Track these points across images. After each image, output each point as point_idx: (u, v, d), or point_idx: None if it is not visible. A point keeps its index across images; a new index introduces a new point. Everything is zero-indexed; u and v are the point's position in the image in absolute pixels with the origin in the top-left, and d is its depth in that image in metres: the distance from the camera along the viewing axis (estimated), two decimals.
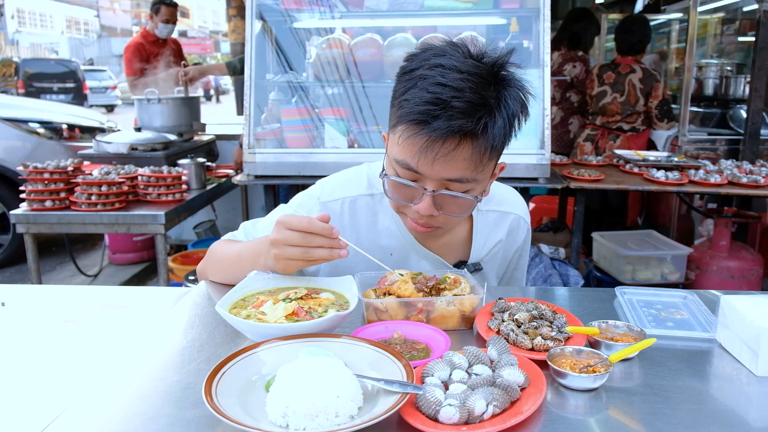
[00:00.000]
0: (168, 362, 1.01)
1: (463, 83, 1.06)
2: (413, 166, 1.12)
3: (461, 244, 1.40)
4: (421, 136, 1.08)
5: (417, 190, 1.15)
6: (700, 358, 1.05)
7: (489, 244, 1.41)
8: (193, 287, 1.40)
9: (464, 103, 1.05)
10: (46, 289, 1.80)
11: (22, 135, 5.16)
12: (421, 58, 1.13)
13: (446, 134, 1.06)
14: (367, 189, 1.37)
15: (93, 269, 4.72)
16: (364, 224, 1.36)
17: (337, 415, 0.79)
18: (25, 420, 0.94)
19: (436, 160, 1.09)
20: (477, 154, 1.10)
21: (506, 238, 1.43)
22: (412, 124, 1.09)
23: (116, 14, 37.09)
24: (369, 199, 1.37)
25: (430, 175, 1.13)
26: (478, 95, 1.07)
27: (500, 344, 0.96)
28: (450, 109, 1.05)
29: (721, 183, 3.03)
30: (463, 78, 1.06)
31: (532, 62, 3.00)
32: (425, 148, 1.08)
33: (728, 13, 5.36)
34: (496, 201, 1.43)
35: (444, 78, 1.07)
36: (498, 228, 1.42)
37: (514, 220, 1.44)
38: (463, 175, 1.12)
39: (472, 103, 1.06)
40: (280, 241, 1.08)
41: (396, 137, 1.15)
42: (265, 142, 3.03)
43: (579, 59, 4.53)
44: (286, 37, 3.22)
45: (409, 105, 1.09)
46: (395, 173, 1.17)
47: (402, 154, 1.14)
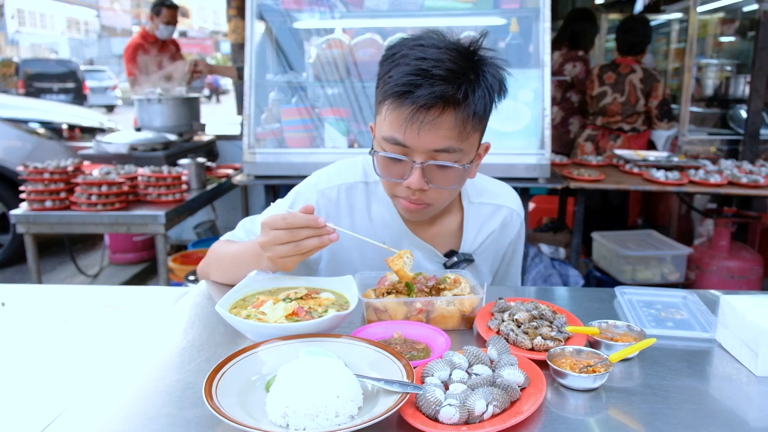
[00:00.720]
0: (168, 362, 1.01)
1: (442, 55, 1.11)
2: (401, 139, 1.15)
3: (452, 234, 1.41)
4: (405, 107, 1.11)
5: (406, 164, 1.17)
6: (700, 358, 1.05)
7: (481, 235, 1.42)
8: (193, 287, 1.40)
9: (445, 71, 1.10)
10: (46, 289, 1.80)
11: (22, 135, 5.16)
12: (401, 44, 1.18)
13: (429, 101, 1.10)
14: (363, 177, 1.40)
15: (93, 269, 4.72)
16: (359, 211, 1.38)
17: (337, 415, 0.79)
18: (25, 420, 0.94)
19: (421, 128, 1.12)
20: (460, 121, 1.13)
21: (499, 231, 1.44)
22: (396, 96, 1.12)
23: (116, 14, 37.10)
24: (364, 187, 1.39)
25: (418, 147, 1.15)
26: (458, 65, 1.12)
27: (500, 344, 0.96)
28: (431, 77, 1.10)
29: (721, 183, 3.03)
30: (442, 51, 1.12)
31: (532, 62, 3.00)
32: (410, 118, 1.11)
33: (728, 13, 5.36)
34: (490, 194, 1.45)
35: (424, 53, 1.12)
36: (490, 220, 1.43)
37: (507, 214, 1.45)
38: (449, 144, 1.15)
39: (452, 71, 1.11)
40: (269, 243, 1.09)
41: (382, 116, 1.18)
42: (265, 142, 3.03)
43: (579, 59, 4.53)
44: (286, 37, 3.22)
45: (392, 80, 1.13)
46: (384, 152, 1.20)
47: (389, 130, 1.16)
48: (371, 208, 1.38)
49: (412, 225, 1.38)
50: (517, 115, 2.89)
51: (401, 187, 1.21)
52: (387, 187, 1.28)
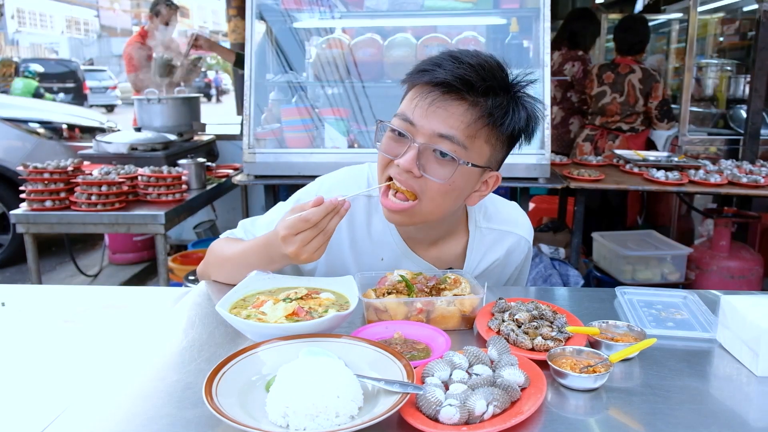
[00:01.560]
0: (168, 362, 1.01)
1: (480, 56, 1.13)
2: (409, 115, 1.14)
3: (455, 258, 1.37)
4: (424, 83, 1.12)
5: (405, 142, 1.14)
6: (700, 358, 1.05)
7: (484, 262, 1.38)
8: (193, 287, 1.40)
9: (474, 61, 1.10)
10: (46, 289, 1.80)
11: (22, 135, 5.16)
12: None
13: (448, 77, 1.09)
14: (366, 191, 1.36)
15: (93, 269, 4.72)
16: (359, 225, 1.35)
17: (337, 415, 0.79)
18: (25, 420, 0.93)
19: (431, 105, 1.11)
20: (471, 116, 1.11)
21: (504, 258, 1.40)
22: (418, 74, 1.13)
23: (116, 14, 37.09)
24: (366, 201, 1.35)
25: (423, 128, 1.12)
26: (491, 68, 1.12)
27: (500, 344, 0.96)
28: (457, 60, 1.10)
29: (721, 183, 3.03)
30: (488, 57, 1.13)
31: (532, 62, 3.00)
32: (424, 93, 1.11)
33: (728, 13, 5.36)
34: (499, 219, 1.39)
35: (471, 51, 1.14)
36: (495, 248, 1.38)
37: (514, 241, 1.39)
38: (453, 133, 1.11)
39: (482, 66, 1.10)
40: (299, 249, 1.11)
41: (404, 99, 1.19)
42: (265, 142, 3.03)
43: (578, 59, 4.53)
44: (286, 37, 3.22)
45: (422, 63, 1.14)
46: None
47: (403, 107, 1.17)
48: (372, 223, 1.35)
49: (413, 244, 1.34)
50: None
51: (393, 166, 1.16)
52: (379, 165, 1.22)
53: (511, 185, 2.90)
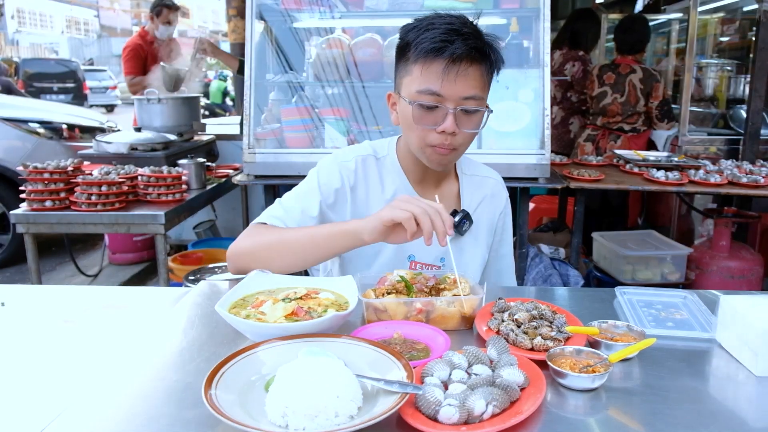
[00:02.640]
0: (168, 362, 1.01)
1: (465, 20, 1.33)
2: (437, 89, 1.31)
3: (453, 198, 1.57)
4: (442, 59, 1.28)
5: (440, 111, 1.33)
6: (700, 358, 1.05)
7: (476, 199, 1.58)
8: (193, 287, 1.40)
9: (472, 30, 1.31)
10: (46, 289, 1.80)
11: (22, 135, 5.15)
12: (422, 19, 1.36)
13: (465, 52, 1.28)
14: (373, 152, 1.54)
15: (93, 269, 4.72)
16: (373, 181, 1.51)
17: (336, 415, 0.79)
18: (25, 420, 0.93)
19: (458, 77, 1.29)
20: (484, 74, 1.34)
21: (490, 197, 1.61)
22: (431, 53, 1.29)
23: (116, 14, 37.08)
24: (375, 160, 1.54)
25: (451, 95, 1.31)
26: (478, 29, 1.34)
27: (500, 344, 0.96)
28: (463, 34, 1.29)
29: (721, 183, 3.03)
30: (463, 18, 1.34)
31: (532, 62, 3.00)
32: (447, 69, 1.29)
33: (728, 13, 5.36)
34: (477, 168, 1.64)
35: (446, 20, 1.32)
36: (481, 187, 1.61)
37: (494, 184, 1.63)
38: (476, 92, 1.33)
39: (477, 32, 1.32)
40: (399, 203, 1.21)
41: (414, 76, 1.34)
42: (265, 142, 3.03)
43: (578, 58, 4.53)
44: (286, 37, 3.22)
45: (425, 42, 1.30)
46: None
47: (425, 83, 1.31)
48: (384, 178, 1.52)
49: (420, 188, 1.51)
50: (517, 115, 2.88)
51: (434, 134, 1.35)
52: (419, 137, 1.39)
53: (511, 185, 2.88)
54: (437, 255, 1.50)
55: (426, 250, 1.44)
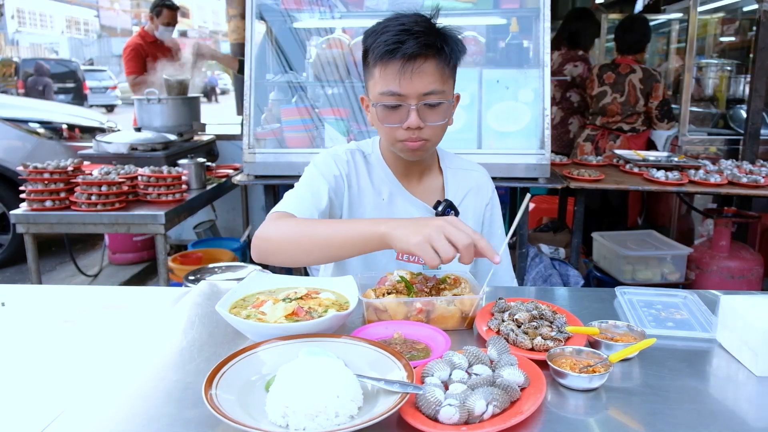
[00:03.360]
0: (168, 362, 1.01)
1: (417, 17, 1.38)
2: (396, 89, 1.36)
3: (437, 191, 1.62)
4: (396, 59, 1.34)
5: (404, 109, 1.39)
6: (700, 358, 1.05)
7: (461, 191, 1.63)
8: (193, 287, 1.40)
9: (423, 28, 1.36)
10: (46, 289, 1.80)
11: (22, 135, 5.15)
12: (378, 24, 1.42)
13: (417, 50, 1.33)
14: (359, 148, 1.62)
15: (93, 269, 4.72)
16: (363, 172, 1.58)
17: (337, 415, 0.79)
18: (25, 420, 0.93)
19: (413, 75, 1.34)
20: (440, 67, 1.38)
21: (475, 190, 1.65)
22: (387, 55, 1.34)
23: (116, 14, 37.07)
24: (363, 156, 1.61)
25: (411, 93, 1.36)
26: (429, 23, 1.39)
27: (500, 344, 0.96)
28: (414, 33, 1.34)
29: (721, 183, 3.03)
30: (415, 16, 1.39)
31: (532, 62, 3.00)
32: (403, 68, 1.34)
33: (728, 13, 5.36)
34: (459, 164, 1.68)
35: (400, 21, 1.38)
36: (466, 180, 1.65)
37: (478, 176, 1.68)
38: (435, 87, 1.37)
39: (429, 28, 1.37)
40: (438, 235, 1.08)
41: (375, 79, 1.40)
42: (265, 142, 3.03)
43: (580, 59, 4.53)
44: (286, 37, 3.22)
45: (381, 44, 1.35)
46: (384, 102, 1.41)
47: (385, 84, 1.37)
48: (372, 173, 1.59)
49: (405, 182, 1.58)
50: (517, 115, 2.88)
51: (401, 130, 1.40)
52: (388, 135, 1.46)
53: (511, 185, 2.89)
54: None
55: None
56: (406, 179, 1.59)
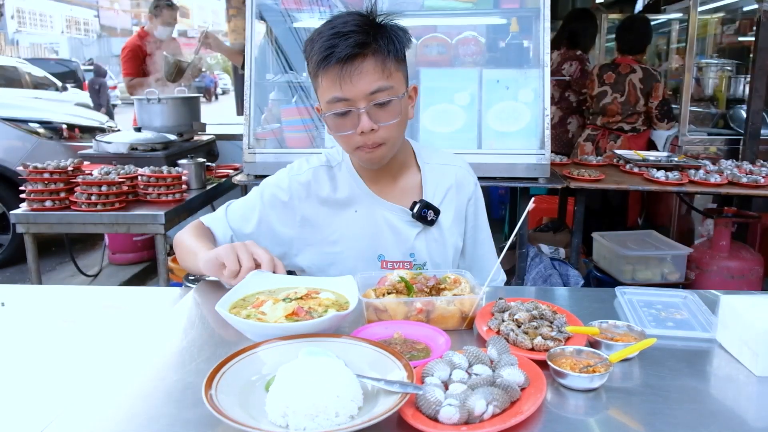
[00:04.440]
0: (168, 362, 1.01)
1: (347, 18, 1.34)
2: (340, 94, 1.32)
3: (414, 192, 1.55)
4: (333, 64, 1.30)
5: (354, 115, 1.34)
6: (700, 358, 1.05)
7: (440, 191, 1.56)
8: (193, 287, 1.40)
9: (354, 26, 1.31)
10: (46, 289, 1.80)
11: (22, 135, 5.15)
12: (314, 31, 1.38)
13: (349, 51, 1.29)
14: (326, 162, 1.56)
15: (93, 269, 4.72)
16: (328, 189, 1.52)
17: (337, 415, 0.79)
18: (25, 420, 0.93)
19: (353, 77, 1.30)
20: (381, 63, 1.32)
21: (456, 187, 1.58)
22: (323, 61, 1.31)
23: (116, 14, 37.07)
24: (328, 169, 1.55)
25: (356, 96, 1.32)
26: (363, 20, 1.34)
27: (500, 344, 0.96)
28: (344, 35, 1.30)
29: (721, 183, 3.03)
30: (345, 17, 1.35)
31: (532, 62, 3.00)
32: (341, 73, 1.30)
33: (728, 13, 5.36)
34: (438, 158, 1.61)
35: (332, 24, 1.34)
36: (445, 177, 1.58)
37: (458, 172, 1.60)
38: (380, 84, 1.32)
39: (359, 25, 1.32)
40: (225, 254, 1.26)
41: (321, 88, 1.37)
42: (265, 142, 3.03)
43: (576, 58, 4.53)
44: (286, 37, 3.22)
45: (316, 53, 1.32)
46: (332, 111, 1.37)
47: (329, 92, 1.33)
48: (337, 184, 1.53)
49: (377, 189, 1.52)
50: (517, 115, 2.88)
51: (355, 136, 1.36)
52: (345, 143, 1.42)
53: (511, 185, 2.89)
54: (405, 251, 1.52)
55: (394, 248, 1.51)
56: (379, 183, 1.53)
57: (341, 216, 1.51)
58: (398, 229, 1.51)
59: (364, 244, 1.51)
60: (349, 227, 1.51)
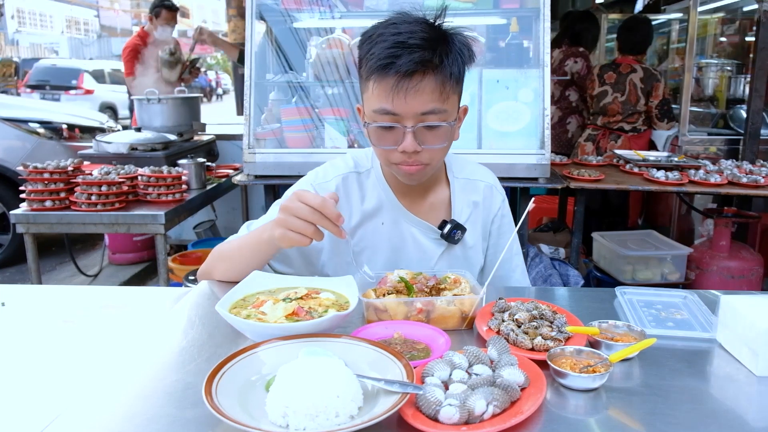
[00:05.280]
0: (168, 362, 1.01)
1: (415, 27, 1.24)
2: (390, 108, 1.24)
3: (443, 207, 1.50)
4: (390, 76, 1.21)
5: (399, 131, 1.27)
6: (700, 358, 1.05)
7: (467, 206, 1.51)
8: (193, 287, 1.40)
9: (420, 40, 1.22)
10: (46, 289, 1.80)
11: (22, 135, 5.15)
12: (375, 27, 1.30)
13: (411, 67, 1.21)
14: (354, 168, 1.49)
15: (93, 269, 4.72)
16: (356, 198, 1.47)
17: (337, 415, 0.79)
18: (25, 420, 0.93)
19: (408, 94, 1.22)
20: (440, 84, 1.24)
21: (482, 203, 1.53)
22: (380, 69, 1.22)
23: (116, 14, 37.08)
24: (357, 176, 1.49)
25: (406, 113, 1.24)
26: (429, 34, 1.24)
27: (500, 344, 0.96)
28: (409, 47, 1.21)
29: (721, 183, 3.03)
30: (413, 25, 1.25)
31: (532, 62, 3.00)
32: (396, 86, 1.21)
33: (728, 13, 5.36)
34: (469, 171, 1.56)
35: (397, 29, 1.24)
36: (473, 192, 1.53)
37: (486, 188, 1.55)
38: (434, 106, 1.25)
39: (426, 39, 1.23)
40: (289, 209, 1.14)
41: (369, 92, 1.28)
42: (265, 142, 3.03)
43: (580, 55, 4.52)
44: (286, 37, 3.22)
45: (374, 56, 1.23)
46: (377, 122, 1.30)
47: (378, 102, 1.25)
48: (366, 194, 1.47)
49: (407, 202, 1.46)
50: (517, 115, 2.89)
51: (396, 153, 1.29)
52: (383, 156, 1.36)
53: (511, 185, 2.89)
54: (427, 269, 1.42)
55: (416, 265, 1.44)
56: (409, 197, 1.47)
57: (367, 226, 1.46)
58: (423, 247, 1.46)
59: (386, 256, 1.46)
60: (374, 238, 1.46)
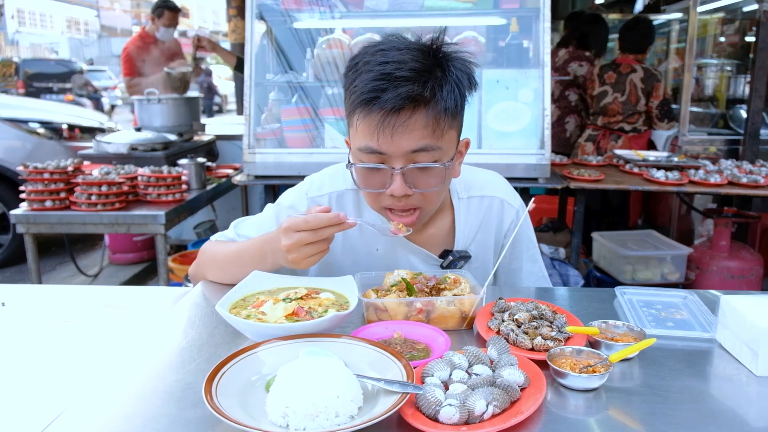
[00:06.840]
0: (168, 362, 1.01)
1: (404, 56, 1.09)
2: (375, 146, 1.12)
3: (446, 234, 1.38)
4: (374, 113, 1.09)
5: (386, 172, 1.14)
6: (700, 358, 1.05)
7: (473, 230, 1.39)
8: (193, 287, 1.40)
9: (408, 72, 1.08)
10: (46, 289, 1.80)
11: (22, 135, 5.16)
12: (363, 52, 1.15)
13: (397, 103, 1.07)
14: (353, 184, 1.35)
15: (93, 269, 4.72)
16: (350, 214, 1.36)
17: (337, 415, 0.79)
18: (25, 420, 0.94)
19: (394, 132, 1.09)
20: (432, 119, 1.10)
21: (489, 222, 1.40)
22: (364, 104, 1.10)
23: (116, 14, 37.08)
24: (354, 194, 1.37)
25: (394, 152, 1.12)
26: (420, 63, 1.09)
27: (500, 344, 0.96)
28: (395, 80, 1.07)
29: (721, 183, 3.03)
30: (403, 53, 1.09)
31: (532, 62, 3.00)
32: (381, 124, 1.09)
33: (728, 13, 5.36)
34: (477, 187, 1.41)
35: (385, 57, 1.10)
36: (479, 213, 1.39)
37: (496, 204, 1.40)
38: (425, 143, 1.11)
39: (416, 70, 1.08)
40: (295, 245, 1.10)
41: (354, 128, 1.16)
42: (265, 142, 3.03)
43: (586, 59, 4.52)
44: (286, 37, 3.22)
45: (358, 89, 1.10)
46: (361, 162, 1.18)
47: (363, 139, 1.14)
48: (362, 214, 1.37)
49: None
50: (517, 115, 2.89)
51: (385, 196, 1.18)
52: (372, 200, 1.24)
53: (511, 185, 2.89)
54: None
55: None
56: None
57: (360, 252, 1.36)
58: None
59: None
60: (367, 266, 1.34)
